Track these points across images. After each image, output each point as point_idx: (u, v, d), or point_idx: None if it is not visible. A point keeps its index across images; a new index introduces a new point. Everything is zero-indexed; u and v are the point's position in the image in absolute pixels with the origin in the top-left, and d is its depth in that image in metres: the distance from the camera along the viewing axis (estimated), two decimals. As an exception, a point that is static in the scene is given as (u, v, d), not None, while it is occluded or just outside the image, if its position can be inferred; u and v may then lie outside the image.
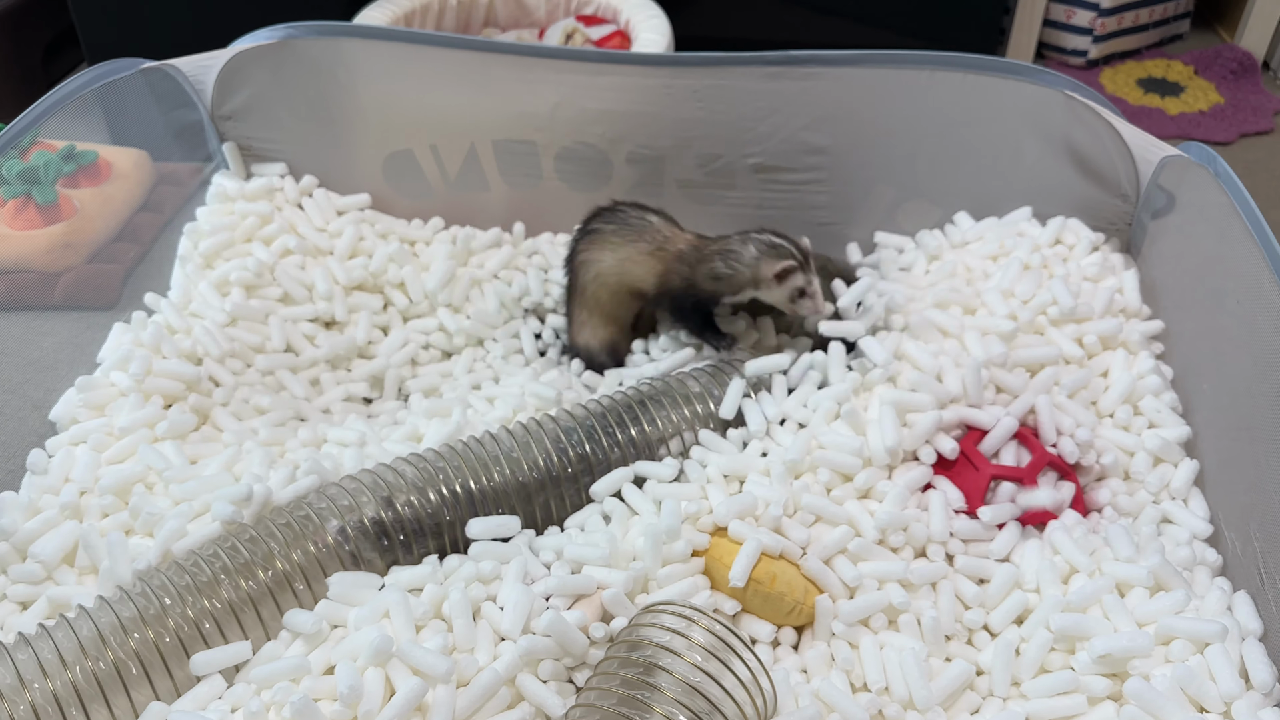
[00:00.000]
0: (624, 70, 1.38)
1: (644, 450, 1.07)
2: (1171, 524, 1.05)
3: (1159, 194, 1.25)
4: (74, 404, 1.13)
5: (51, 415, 1.14)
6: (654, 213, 1.29)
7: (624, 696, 0.78)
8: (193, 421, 1.14)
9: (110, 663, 0.83)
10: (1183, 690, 0.84)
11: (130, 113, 1.37)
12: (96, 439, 1.09)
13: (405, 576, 0.92)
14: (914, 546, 0.99)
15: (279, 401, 1.22)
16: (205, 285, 1.30)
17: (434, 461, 1.02)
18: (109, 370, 1.17)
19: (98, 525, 0.98)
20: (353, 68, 1.41)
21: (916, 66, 1.34)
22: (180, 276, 1.33)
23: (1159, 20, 2.48)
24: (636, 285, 1.28)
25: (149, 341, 1.18)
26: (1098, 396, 1.12)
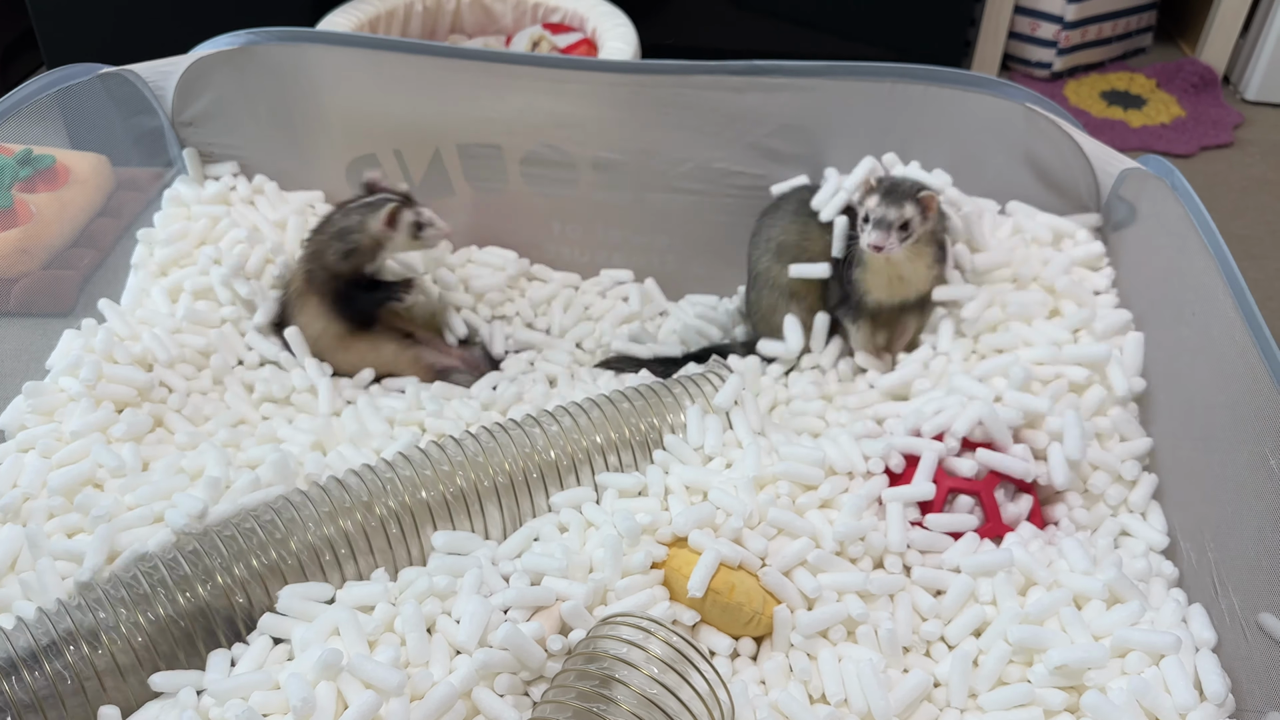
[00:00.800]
0: (589, 77, 1.38)
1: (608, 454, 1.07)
2: (1129, 537, 1.05)
3: (1119, 206, 1.26)
4: (21, 410, 1.11)
5: None
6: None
7: (580, 709, 0.78)
8: (148, 424, 1.12)
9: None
10: (1138, 702, 0.84)
11: (89, 118, 1.35)
12: (45, 444, 1.06)
13: (356, 593, 0.91)
14: (872, 557, 0.99)
15: (234, 402, 1.20)
16: (157, 291, 1.28)
17: (383, 473, 1.01)
18: (58, 376, 1.15)
19: (44, 528, 0.96)
20: (316, 73, 1.40)
21: (878, 78, 1.35)
22: (133, 282, 1.31)
23: (1122, 34, 2.52)
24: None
25: (99, 348, 1.16)
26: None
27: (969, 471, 1.03)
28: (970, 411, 1.06)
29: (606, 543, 0.93)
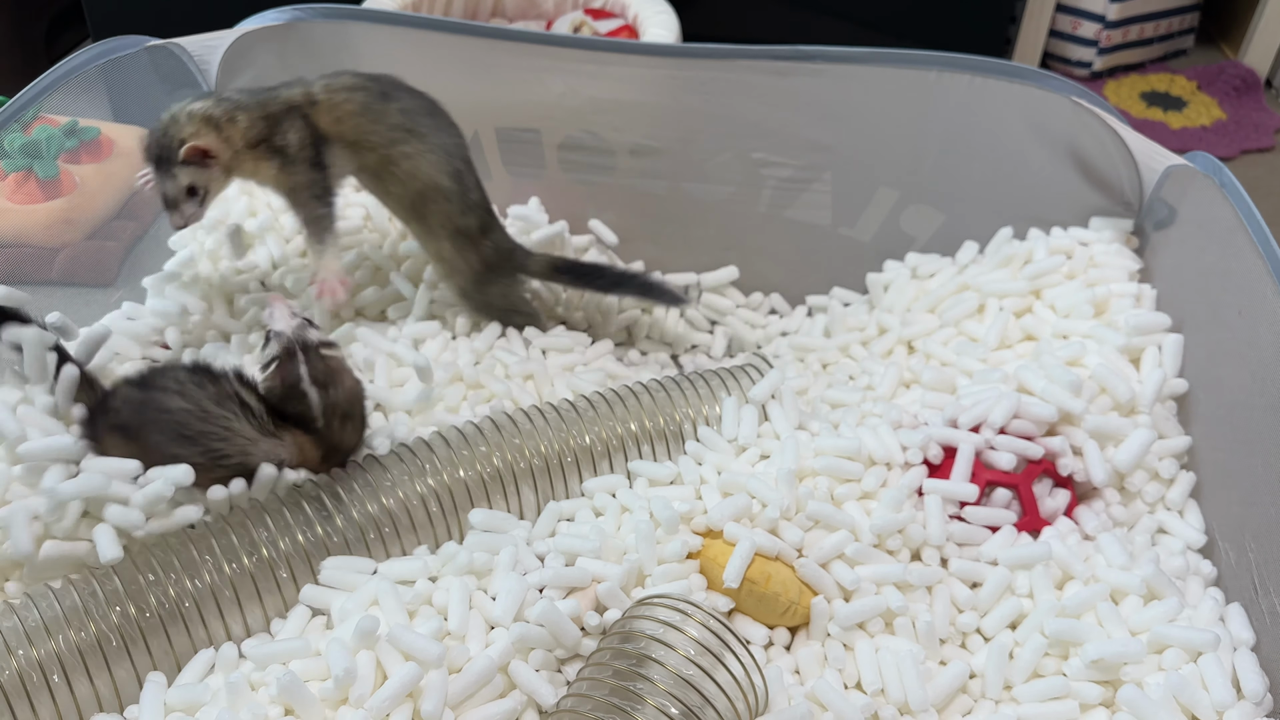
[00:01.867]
0: (630, 61, 1.38)
1: (641, 444, 1.07)
2: (1166, 534, 1.05)
3: (1161, 203, 1.25)
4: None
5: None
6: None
7: (616, 687, 0.78)
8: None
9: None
10: (1175, 699, 0.83)
11: (133, 91, 1.36)
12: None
13: (396, 568, 0.91)
14: (909, 548, 0.98)
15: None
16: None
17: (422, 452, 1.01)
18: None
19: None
20: (358, 51, 1.40)
21: (923, 67, 1.34)
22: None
23: (1164, 35, 2.49)
24: None
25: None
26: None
27: (1007, 464, 1.03)
28: (1006, 402, 1.05)
29: (640, 529, 0.93)
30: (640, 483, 1.03)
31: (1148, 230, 1.28)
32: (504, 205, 1.49)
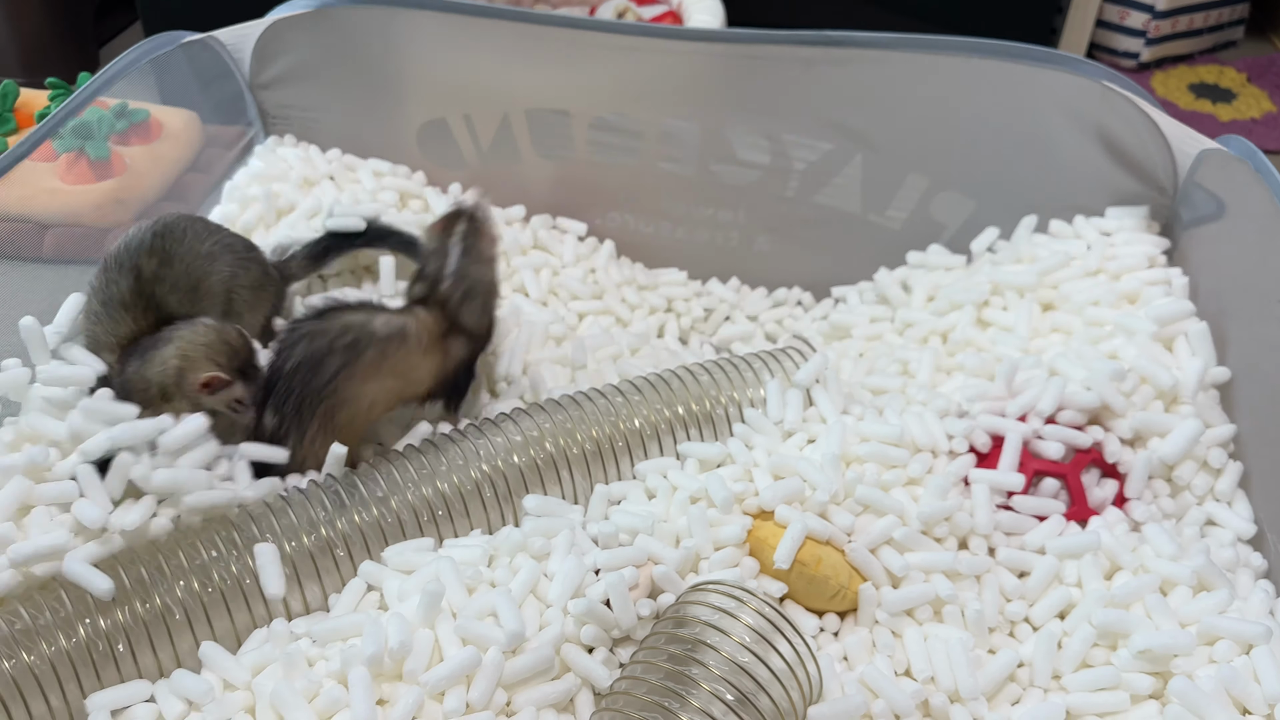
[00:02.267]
0: (660, 45, 1.37)
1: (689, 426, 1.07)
2: (1215, 526, 1.04)
3: (1196, 188, 1.24)
4: None
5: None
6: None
7: (670, 671, 0.78)
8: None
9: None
10: (1227, 691, 0.83)
11: (177, 84, 1.38)
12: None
13: (456, 551, 0.92)
14: (957, 536, 0.98)
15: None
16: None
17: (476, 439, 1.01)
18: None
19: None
20: (390, 36, 1.41)
21: (954, 53, 1.33)
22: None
23: (1213, 26, 2.46)
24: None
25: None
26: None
27: (1055, 454, 1.02)
28: (1053, 390, 1.04)
29: (694, 511, 0.93)
30: (691, 464, 1.03)
31: (1182, 216, 1.26)
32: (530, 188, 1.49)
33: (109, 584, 0.82)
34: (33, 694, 0.79)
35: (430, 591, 0.82)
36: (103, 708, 0.80)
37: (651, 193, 1.49)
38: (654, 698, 0.77)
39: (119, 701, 0.81)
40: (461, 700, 0.78)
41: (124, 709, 0.81)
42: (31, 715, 0.79)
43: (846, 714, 0.82)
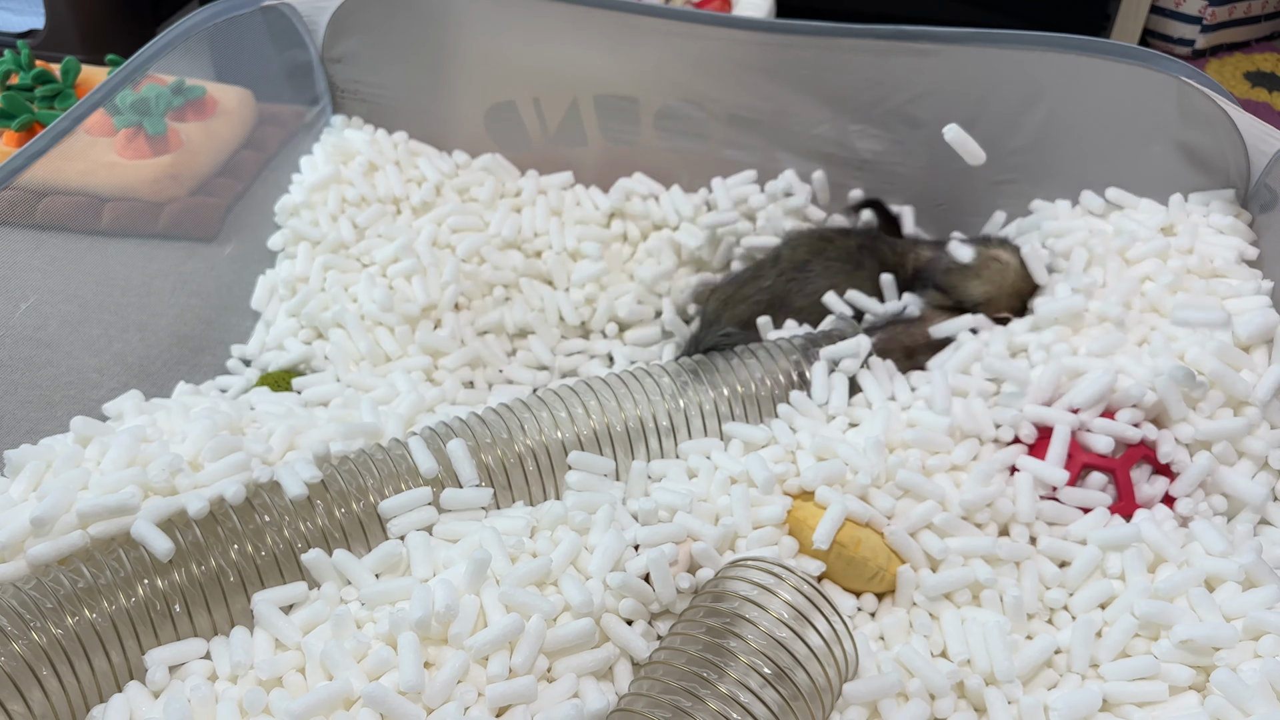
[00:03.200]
0: (731, 35, 1.38)
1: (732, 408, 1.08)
2: (1270, 525, 1.03)
3: (1267, 189, 1.22)
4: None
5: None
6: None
7: (709, 644, 0.80)
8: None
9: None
10: (1272, 685, 0.82)
11: (245, 50, 1.40)
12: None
13: (500, 522, 0.94)
14: (998, 524, 0.98)
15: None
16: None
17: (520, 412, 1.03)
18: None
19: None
20: (464, 16, 1.42)
21: (1027, 47, 1.32)
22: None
23: (1272, 12, 2.40)
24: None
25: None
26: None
27: (1105, 448, 1.02)
28: (1103, 379, 1.04)
29: (736, 491, 0.94)
30: (735, 445, 1.04)
31: (1253, 213, 1.25)
32: (602, 172, 1.50)
33: (169, 544, 0.85)
34: (95, 649, 0.82)
35: (477, 559, 0.84)
36: (161, 663, 0.83)
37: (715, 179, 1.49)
38: (692, 668, 0.78)
39: (176, 658, 0.84)
40: (505, 665, 0.80)
41: (180, 665, 0.84)
42: (94, 670, 0.82)
43: (882, 691, 0.83)
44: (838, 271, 1.26)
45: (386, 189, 1.39)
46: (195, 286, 1.31)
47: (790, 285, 1.26)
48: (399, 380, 1.16)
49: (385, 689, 0.77)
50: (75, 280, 1.19)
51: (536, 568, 0.86)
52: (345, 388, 1.16)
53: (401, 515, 0.92)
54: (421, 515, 0.93)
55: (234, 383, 1.22)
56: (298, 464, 0.93)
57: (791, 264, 1.28)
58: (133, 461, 0.92)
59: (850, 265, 1.26)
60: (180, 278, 1.31)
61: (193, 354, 1.26)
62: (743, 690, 0.76)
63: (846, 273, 1.26)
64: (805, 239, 1.31)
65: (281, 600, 0.88)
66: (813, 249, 1.28)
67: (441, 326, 1.27)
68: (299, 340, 1.26)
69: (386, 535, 0.93)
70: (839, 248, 1.27)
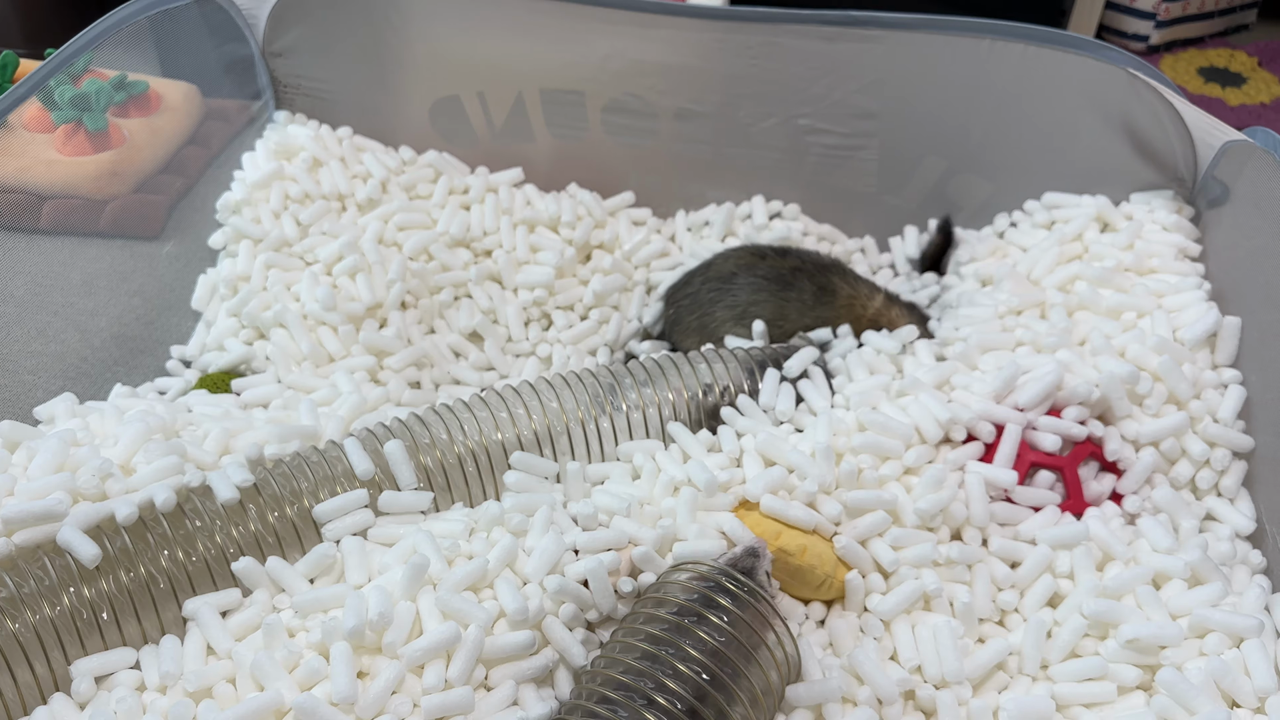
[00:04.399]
0: (677, 23, 1.36)
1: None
2: (1215, 521, 1.03)
3: (1216, 181, 1.22)
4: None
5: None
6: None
7: (649, 651, 0.78)
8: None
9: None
10: (1216, 684, 0.82)
11: (182, 44, 1.37)
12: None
13: (437, 526, 0.92)
14: (950, 526, 0.98)
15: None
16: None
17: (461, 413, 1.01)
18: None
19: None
20: (407, 9, 1.40)
21: (977, 35, 1.32)
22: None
23: (1224, 8, 2.43)
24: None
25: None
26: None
27: (1051, 446, 1.01)
28: (1048, 378, 1.03)
29: (681, 496, 0.93)
30: (677, 448, 1.03)
31: (1201, 207, 1.25)
32: (550, 167, 1.49)
33: (95, 551, 0.82)
34: (17, 661, 0.79)
35: (413, 564, 0.82)
36: (87, 674, 0.81)
37: (666, 174, 1.48)
38: (631, 678, 0.77)
39: (103, 668, 0.82)
40: (441, 675, 0.78)
41: (108, 675, 0.82)
42: (17, 682, 0.79)
43: (825, 695, 0.82)
44: (762, 289, 1.24)
45: (331, 185, 1.36)
46: (136, 286, 1.28)
47: (712, 295, 1.25)
48: (341, 381, 1.14)
49: (317, 700, 0.75)
50: (11, 280, 1.16)
51: (472, 571, 0.84)
52: (285, 389, 1.14)
53: (337, 519, 0.90)
54: (357, 519, 0.91)
55: (173, 384, 1.19)
56: (230, 467, 0.90)
57: (718, 275, 1.27)
58: (61, 467, 0.90)
59: (778, 285, 1.24)
60: (121, 277, 1.27)
61: (132, 355, 1.23)
62: (682, 700, 0.75)
63: (772, 291, 1.24)
64: (737, 253, 1.30)
65: (214, 607, 0.85)
66: (741, 263, 1.27)
67: (387, 325, 1.25)
68: (240, 340, 1.23)
69: (322, 540, 0.90)
70: (770, 266, 1.26)
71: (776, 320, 1.23)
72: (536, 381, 1.06)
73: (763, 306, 1.23)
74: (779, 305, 1.23)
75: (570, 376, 1.06)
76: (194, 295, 1.30)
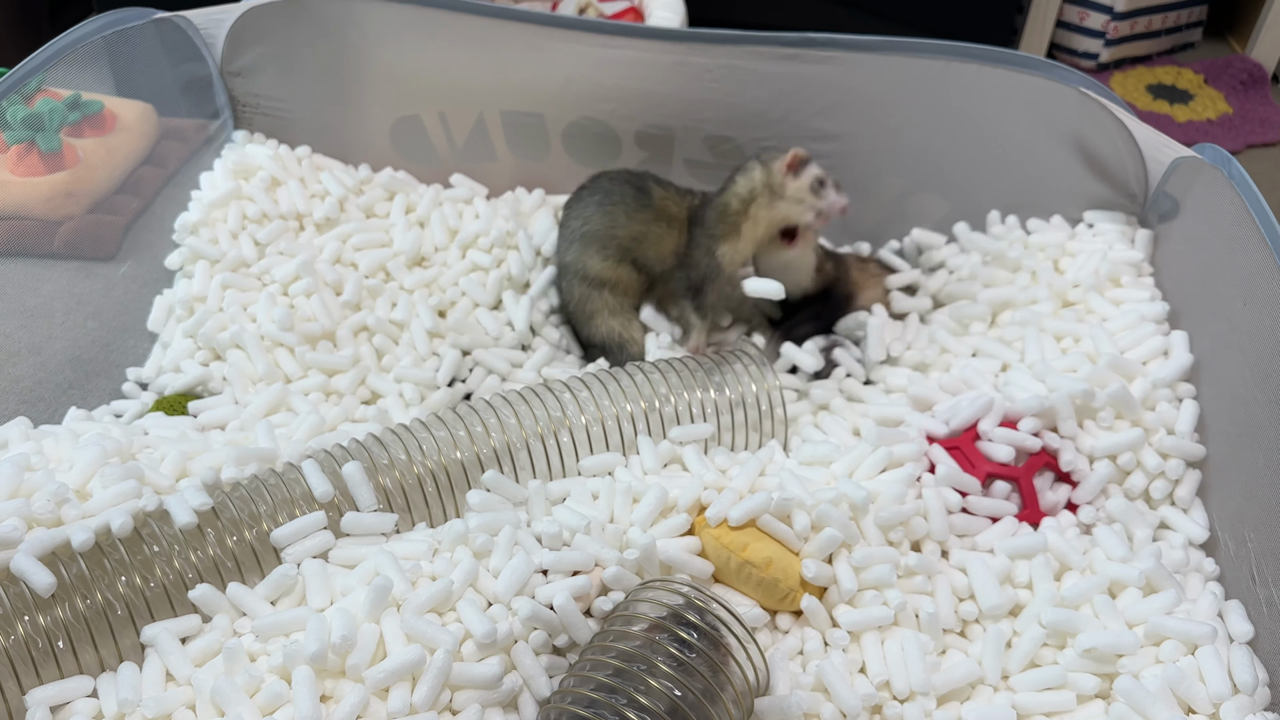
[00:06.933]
0: (637, 45, 1.37)
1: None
2: (1169, 530, 1.05)
3: (1166, 196, 1.25)
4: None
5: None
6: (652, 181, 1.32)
7: (619, 669, 0.78)
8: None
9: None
10: (1172, 690, 0.84)
11: (138, 63, 1.35)
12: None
13: (400, 547, 0.91)
14: (910, 540, 0.98)
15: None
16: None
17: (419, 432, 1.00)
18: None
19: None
20: (366, 29, 1.40)
21: (932, 56, 1.34)
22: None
23: (1171, 27, 2.48)
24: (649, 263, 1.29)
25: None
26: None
27: (1005, 457, 1.03)
28: (980, 401, 1.05)
29: (641, 511, 0.93)
30: (637, 463, 1.03)
31: (1152, 222, 1.28)
32: (512, 187, 1.49)
33: (50, 579, 0.81)
34: (-30, 693, 0.78)
35: (377, 586, 0.82)
36: (42, 703, 0.79)
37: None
38: (601, 695, 0.76)
39: (59, 697, 0.80)
40: (406, 700, 0.78)
41: (64, 704, 0.80)
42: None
43: (788, 712, 0.83)
44: (591, 203, 1.31)
45: (289, 204, 1.35)
46: (92, 308, 1.26)
47: (567, 212, 1.34)
48: (298, 402, 1.13)
49: (279, 725, 0.74)
50: (-32, 301, 1.15)
51: (437, 592, 0.83)
52: (242, 410, 1.13)
53: (296, 543, 0.89)
54: (317, 541, 0.90)
55: (129, 407, 1.18)
56: (187, 491, 0.89)
57: (574, 195, 1.35)
58: (15, 492, 0.88)
59: (603, 196, 1.31)
60: (75, 299, 1.26)
61: (87, 378, 1.22)
62: (655, 716, 0.75)
63: (598, 203, 1.30)
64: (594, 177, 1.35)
65: (173, 633, 0.84)
66: (586, 184, 1.35)
67: (338, 347, 1.24)
68: (196, 362, 1.21)
69: (281, 563, 0.89)
70: (603, 181, 1.33)
71: (609, 230, 1.29)
72: (493, 398, 1.06)
73: (593, 220, 1.29)
74: (607, 215, 1.29)
75: (528, 392, 1.06)
76: (150, 317, 1.28)
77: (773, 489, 0.96)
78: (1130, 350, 1.12)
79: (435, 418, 1.03)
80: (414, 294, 1.32)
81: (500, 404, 1.04)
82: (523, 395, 1.05)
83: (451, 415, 1.03)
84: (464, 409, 1.04)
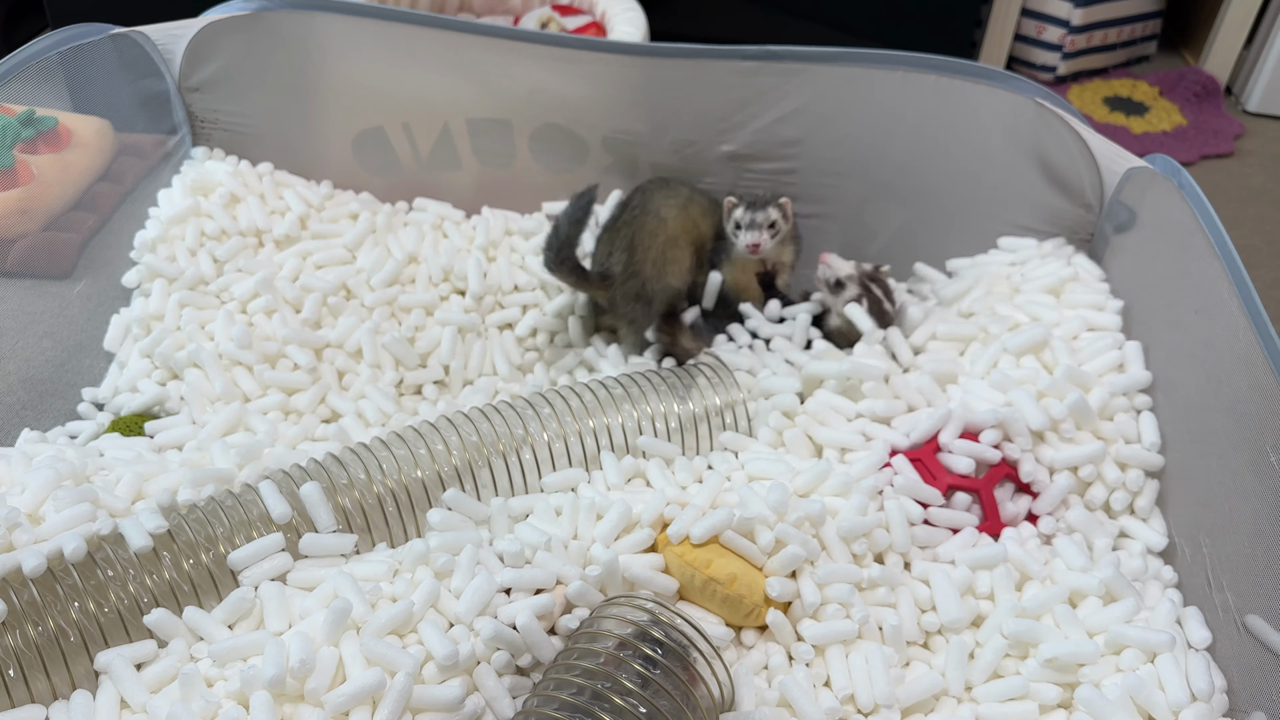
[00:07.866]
0: (600, 59, 1.38)
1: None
2: (1128, 538, 1.06)
3: (1121, 206, 1.27)
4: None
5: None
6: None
7: (583, 687, 0.78)
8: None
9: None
10: (1132, 699, 0.84)
11: (95, 79, 1.34)
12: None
13: (360, 568, 0.90)
14: (873, 551, 0.98)
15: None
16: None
17: (379, 451, 0.99)
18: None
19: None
20: (326, 43, 1.39)
21: (890, 67, 1.35)
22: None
23: (1127, 40, 2.52)
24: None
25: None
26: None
27: (963, 468, 1.03)
28: (936, 415, 1.06)
29: (604, 528, 0.93)
30: (600, 478, 1.03)
31: (1108, 232, 1.29)
32: (478, 197, 1.49)
33: (0, 606, 0.79)
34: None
35: (336, 608, 0.81)
36: (-8, 734, 0.78)
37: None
38: (565, 714, 0.76)
39: (10, 728, 0.79)
40: (366, 724, 0.77)
41: (15, 735, 0.79)
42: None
43: (758, 724, 0.83)
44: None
45: (249, 221, 1.34)
46: (46, 327, 1.24)
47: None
48: (256, 421, 1.12)
49: (236, 751, 0.73)
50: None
51: (397, 614, 0.82)
52: (200, 430, 1.11)
53: (253, 565, 0.88)
54: (275, 564, 0.89)
55: (85, 428, 1.16)
56: (142, 514, 0.88)
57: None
58: (-36, 517, 0.86)
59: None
60: (29, 318, 1.24)
61: (41, 399, 1.20)
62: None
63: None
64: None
65: (128, 659, 0.82)
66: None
67: (299, 368, 1.23)
68: (153, 381, 1.20)
69: (239, 586, 0.88)
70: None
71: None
72: (454, 415, 1.05)
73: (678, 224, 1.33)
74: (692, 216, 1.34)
75: (489, 409, 1.05)
76: (106, 336, 1.26)
77: (734, 505, 0.96)
78: (1087, 362, 1.13)
79: (395, 436, 1.02)
80: (374, 311, 1.31)
81: (461, 421, 1.04)
82: (484, 412, 1.05)
83: (412, 433, 1.02)
84: (424, 426, 1.03)
